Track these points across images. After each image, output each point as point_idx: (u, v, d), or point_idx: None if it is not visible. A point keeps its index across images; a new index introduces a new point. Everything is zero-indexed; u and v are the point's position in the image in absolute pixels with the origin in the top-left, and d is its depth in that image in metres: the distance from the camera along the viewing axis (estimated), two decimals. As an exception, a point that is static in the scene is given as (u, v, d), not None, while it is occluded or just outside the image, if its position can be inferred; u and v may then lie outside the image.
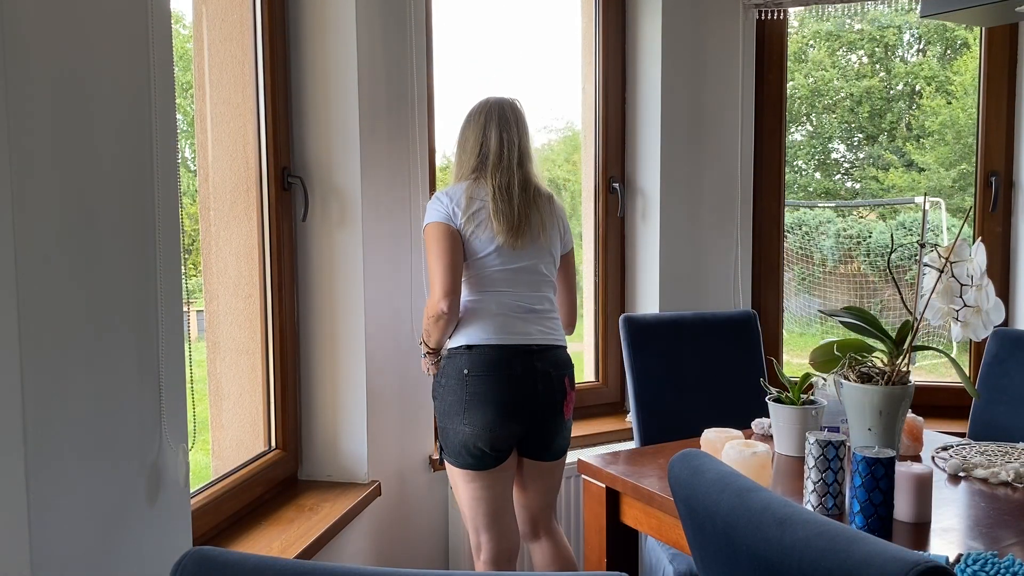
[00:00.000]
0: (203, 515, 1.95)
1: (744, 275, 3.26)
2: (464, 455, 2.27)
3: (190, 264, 2.45)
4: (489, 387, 2.22)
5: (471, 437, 2.23)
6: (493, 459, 2.27)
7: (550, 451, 2.37)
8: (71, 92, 1.28)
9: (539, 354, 2.28)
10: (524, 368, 2.25)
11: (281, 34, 2.33)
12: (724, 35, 3.16)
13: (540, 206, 2.32)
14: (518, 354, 2.25)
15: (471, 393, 2.22)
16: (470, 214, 2.25)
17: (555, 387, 2.30)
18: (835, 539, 1.05)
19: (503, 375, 2.23)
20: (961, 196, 9.18)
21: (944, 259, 1.89)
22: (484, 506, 2.31)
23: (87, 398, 1.32)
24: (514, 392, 2.23)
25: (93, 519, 1.33)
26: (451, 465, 2.32)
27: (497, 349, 2.24)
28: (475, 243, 2.27)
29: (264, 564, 1.03)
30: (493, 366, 2.23)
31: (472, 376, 2.23)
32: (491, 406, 2.22)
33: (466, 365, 2.24)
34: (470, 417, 2.23)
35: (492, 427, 2.22)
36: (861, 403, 1.85)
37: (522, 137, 2.33)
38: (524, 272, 2.30)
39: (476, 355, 2.24)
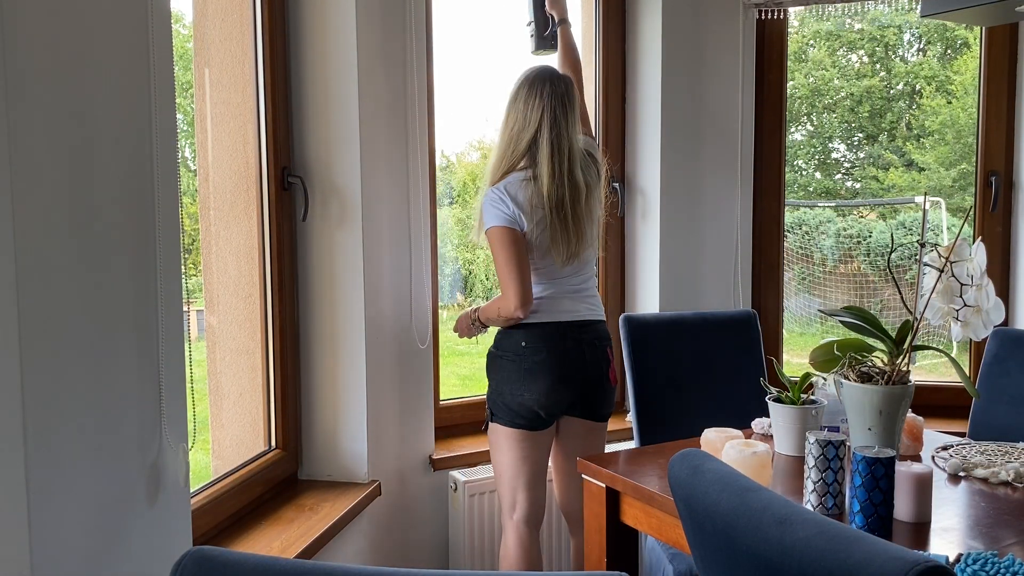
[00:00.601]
0: (203, 515, 1.95)
1: (744, 275, 3.26)
2: (519, 417, 2.41)
3: (190, 264, 2.45)
4: (545, 358, 2.39)
5: (530, 401, 2.39)
6: (544, 422, 2.43)
7: (598, 414, 2.52)
8: (71, 92, 1.28)
9: (585, 328, 2.45)
10: (574, 341, 2.42)
11: (281, 34, 2.33)
12: (724, 35, 3.16)
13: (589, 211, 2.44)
14: (570, 329, 2.42)
15: (530, 362, 2.39)
16: (534, 223, 2.37)
17: (600, 356, 2.47)
18: (835, 539, 1.05)
19: (557, 348, 2.40)
20: (961, 196, 9.18)
21: (944, 259, 1.89)
22: (528, 466, 2.45)
23: (87, 398, 1.32)
24: (567, 362, 2.40)
25: (93, 519, 1.33)
26: (501, 426, 2.44)
27: (551, 326, 2.41)
28: (539, 248, 2.40)
29: (264, 564, 1.03)
30: (547, 339, 2.40)
31: (529, 347, 2.39)
32: (548, 375, 2.38)
33: (523, 339, 2.40)
34: (528, 384, 2.39)
35: (549, 392, 2.39)
36: (861, 403, 1.85)
37: (572, 134, 2.39)
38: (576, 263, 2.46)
39: (529, 329, 2.40)
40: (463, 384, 6.24)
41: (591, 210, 2.46)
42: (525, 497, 2.47)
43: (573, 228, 2.39)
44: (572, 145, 2.38)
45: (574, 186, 2.38)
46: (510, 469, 2.47)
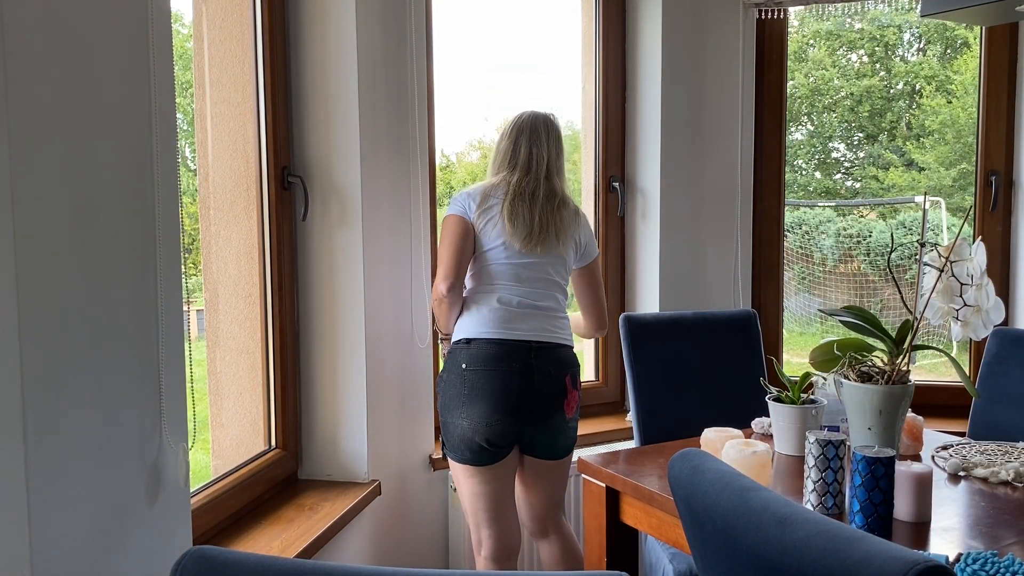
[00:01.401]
0: (203, 514, 1.95)
1: (744, 274, 3.26)
2: (463, 450, 2.29)
3: (190, 263, 2.45)
4: (486, 382, 2.24)
5: (469, 431, 2.26)
6: (491, 455, 2.29)
7: (552, 450, 2.37)
8: (71, 91, 1.28)
9: (538, 351, 2.29)
10: (522, 365, 2.27)
11: (281, 33, 2.33)
12: (724, 34, 3.16)
13: (564, 218, 2.37)
14: (517, 350, 2.27)
15: (469, 387, 2.25)
16: (483, 209, 2.34)
17: (554, 385, 2.30)
18: (835, 538, 1.05)
19: (501, 370, 2.25)
20: (961, 195, 9.18)
21: (944, 258, 1.89)
22: (484, 502, 2.34)
23: (87, 398, 1.32)
24: (511, 388, 2.25)
25: (93, 518, 1.33)
26: (452, 461, 2.36)
27: (495, 344, 2.27)
28: (483, 237, 2.34)
29: (264, 563, 1.03)
30: (491, 361, 2.25)
31: (470, 371, 2.26)
32: (487, 400, 2.24)
33: (465, 360, 2.28)
34: (467, 411, 2.25)
35: (489, 422, 2.25)
36: (861, 402, 1.85)
37: (551, 152, 2.41)
38: (529, 269, 2.34)
39: (475, 349, 2.28)
40: (463, 384, 6.21)
41: (563, 217, 2.36)
42: (489, 534, 2.36)
43: (541, 215, 2.31)
44: (551, 162, 2.39)
45: (549, 189, 2.36)
46: (469, 505, 2.37)
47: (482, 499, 2.33)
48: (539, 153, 2.38)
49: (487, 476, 2.32)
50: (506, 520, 2.38)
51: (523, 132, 2.40)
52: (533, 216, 2.31)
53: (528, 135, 2.39)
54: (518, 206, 2.31)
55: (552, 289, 2.38)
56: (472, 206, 2.33)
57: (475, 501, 2.35)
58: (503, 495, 2.36)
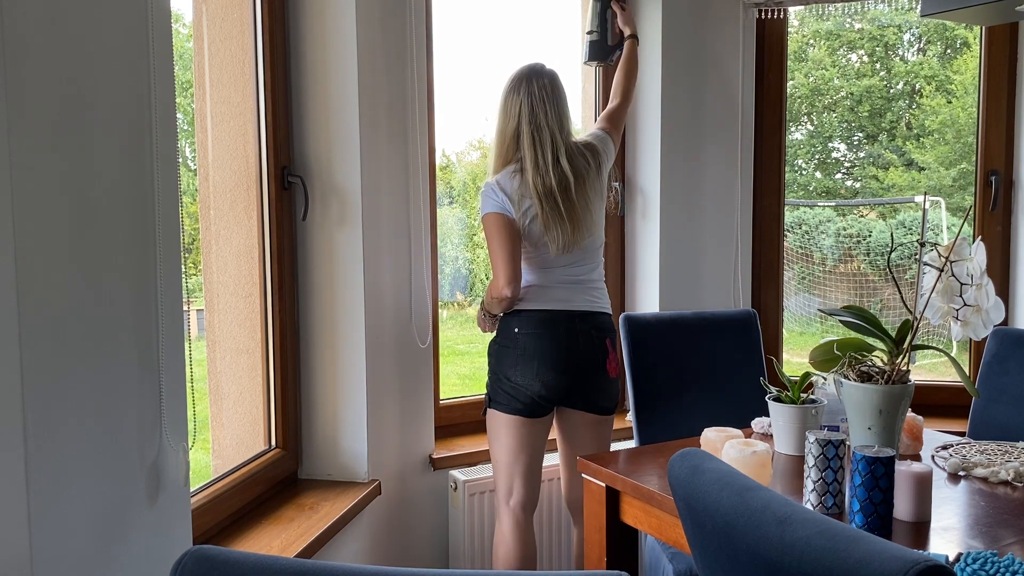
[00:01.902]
0: (203, 514, 1.95)
1: (744, 274, 3.27)
2: (515, 403, 2.44)
3: (190, 263, 2.45)
4: (537, 343, 2.42)
5: (523, 386, 2.42)
6: (540, 408, 2.45)
7: (597, 406, 2.51)
8: (71, 91, 1.28)
9: (581, 318, 2.46)
10: (568, 328, 2.44)
11: (281, 33, 2.33)
12: (724, 34, 3.16)
13: (585, 197, 2.45)
14: (562, 317, 2.45)
15: (523, 347, 2.43)
16: (522, 212, 2.42)
17: (596, 345, 2.47)
18: (835, 538, 1.05)
19: (549, 333, 2.43)
20: (961, 195, 9.18)
21: (944, 258, 1.89)
22: (525, 454, 2.48)
23: (87, 397, 1.32)
24: (559, 347, 2.42)
25: (93, 518, 1.33)
26: (499, 413, 2.48)
27: (543, 312, 2.45)
28: (530, 235, 2.44)
29: (264, 563, 1.03)
30: (540, 324, 2.43)
31: (522, 333, 2.44)
32: (539, 359, 2.42)
33: (516, 325, 2.45)
34: (521, 369, 2.43)
35: (543, 379, 2.41)
36: (861, 402, 1.85)
37: (552, 126, 2.43)
38: (576, 252, 2.47)
39: (525, 317, 2.45)
40: (463, 383, 6.25)
41: (586, 198, 2.46)
42: (522, 484, 2.50)
43: (567, 216, 2.42)
44: (555, 135, 2.43)
45: (561, 175, 2.42)
46: (507, 455, 2.50)
47: (524, 451, 2.48)
48: (541, 138, 2.42)
49: (530, 429, 2.47)
50: (536, 475, 2.53)
51: (521, 114, 2.43)
52: (562, 221, 2.41)
53: (527, 117, 2.43)
54: (550, 214, 2.40)
55: (592, 261, 2.52)
56: (510, 207, 2.41)
57: (517, 451, 2.48)
58: (539, 449, 2.52)
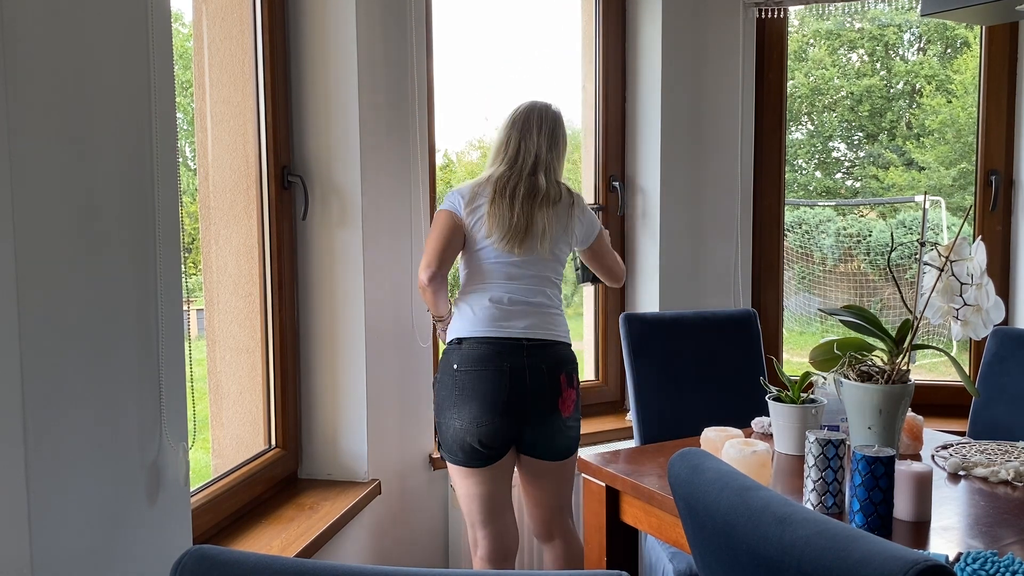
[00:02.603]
0: (203, 514, 1.95)
1: (744, 274, 3.26)
2: (456, 451, 2.28)
3: (190, 262, 2.45)
4: (476, 382, 2.23)
5: (461, 432, 2.25)
6: (485, 456, 2.27)
7: (551, 451, 2.33)
8: (71, 91, 1.28)
9: (531, 350, 2.27)
10: (513, 364, 2.24)
11: (281, 33, 2.33)
12: (724, 34, 3.16)
13: (548, 216, 2.33)
14: (507, 349, 2.25)
15: (460, 387, 2.24)
16: (471, 208, 2.32)
17: (547, 384, 2.26)
18: (835, 538, 1.05)
19: (491, 370, 2.23)
20: (961, 195, 9.18)
21: (944, 258, 1.89)
22: (479, 503, 2.33)
23: (87, 397, 1.32)
24: (501, 388, 2.23)
25: (93, 518, 1.33)
26: (447, 462, 2.35)
27: (485, 344, 2.26)
28: (475, 235, 2.33)
29: (264, 563, 1.03)
30: (481, 361, 2.24)
31: (460, 371, 2.25)
32: (477, 401, 2.23)
33: (456, 360, 2.27)
34: (459, 411, 2.24)
35: (480, 422, 2.23)
36: (861, 402, 1.85)
37: (540, 144, 2.36)
38: (519, 267, 2.33)
39: (466, 350, 2.27)
40: (463, 383, 6.21)
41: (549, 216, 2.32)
42: (484, 535, 2.35)
43: (520, 215, 2.28)
44: (540, 154, 2.35)
45: (532, 185, 2.32)
46: (464, 505, 2.36)
47: (477, 500, 2.33)
48: (526, 147, 2.35)
49: (482, 477, 2.30)
50: (501, 522, 2.36)
51: (515, 125, 2.38)
52: (512, 217, 2.29)
53: (520, 127, 2.37)
54: (499, 206, 2.30)
55: (544, 285, 2.35)
56: (460, 204, 2.32)
57: (470, 502, 2.34)
58: (498, 496, 2.34)
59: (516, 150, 2.35)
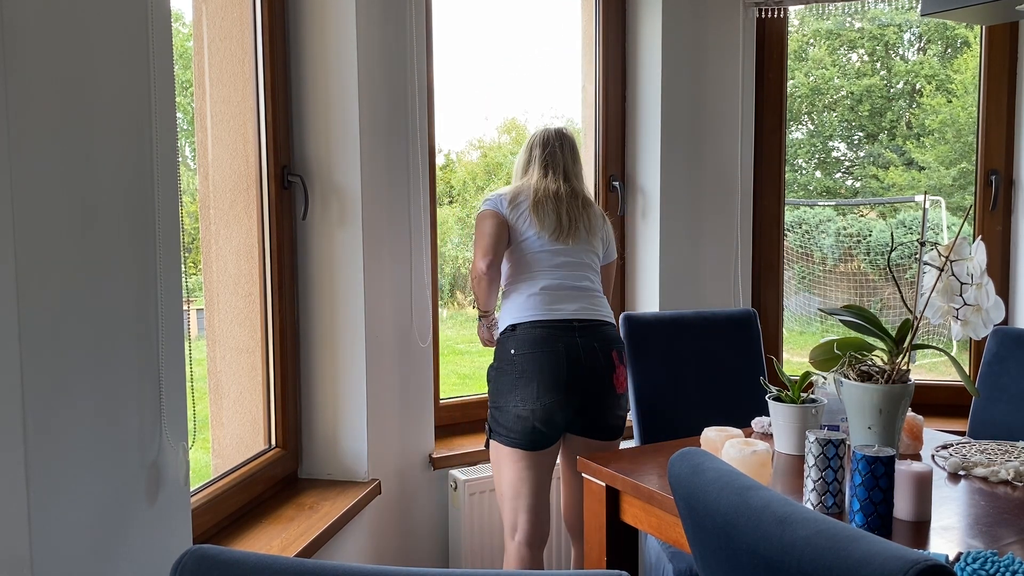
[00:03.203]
0: (203, 513, 1.95)
1: (744, 273, 3.27)
2: (518, 432, 2.34)
3: (190, 262, 2.45)
4: (536, 363, 2.32)
5: (524, 412, 2.32)
6: (544, 439, 2.35)
7: (603, 429, 2.42)
8: (71, 90, 1.28)
9: (582, 330, 2.37)
10: (567, 344, 2.34)
11: (281, 32, 2.33)
12: (724, 33, 3.16)
13: (590, 215, 2.51)
14: (560, 331, 2.35)
15: (520, 371, 2.33)
16: (514, 206, 2.46)
17: (600, 361, 2.37)
18: (835, 537, 1.05)
19: (547, 350, 2.32)
20: (961, 194, 9.18)
21: (944, 257, 1.89)
22: (528, 486, 2.38)
23: (87, 397, 1.32)
24: (560, 366, 2.32)
25: (93, 517, 1.33)
26: (500, 445, 2.39)
27: (540, 326, 2.35)
28: (517, 229, 2.45)
29: (264, 562, 1.03)
30: (537, 343, 2.33)
31: (519, 355, 2.34)
32: (539, 381, 2.31)
33: (513, 346, 2.36)
34: (521, 393, 2.32)
35: (543, 402, 2.31)
36: (861, 401, 1.85)
37: (567, 159, 2.53)
38: (564, 255, 2.45)
39: (521, 334, 2.36)
40: (463, 383, 6.25)
41: (589, 215, 2.50)
42: (526, 519, 2.40)
43: (567, 210, 2.44)
44: (567, 167, 2.51)
45: (571, 188, 2.49)
46: (510, 490, 2.40)
47: (526, 483, 2.38)
48: (554, 160, 2.51)
49: (534, 461, 2.37)
50: (543, 508, 2.43)
51: (536, 144, 2.54)
52: (560, 211, 2.44)
53: (541, 146, 2.53)
54: (544, 204, 2.44)
55: (587, 271, 2.48)
56: (504, 203, 2.46)
57: (519, 485, 2.38)
58: (544, 482, 2.42)
59: (545, 163, 2.50)
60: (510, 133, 8.74)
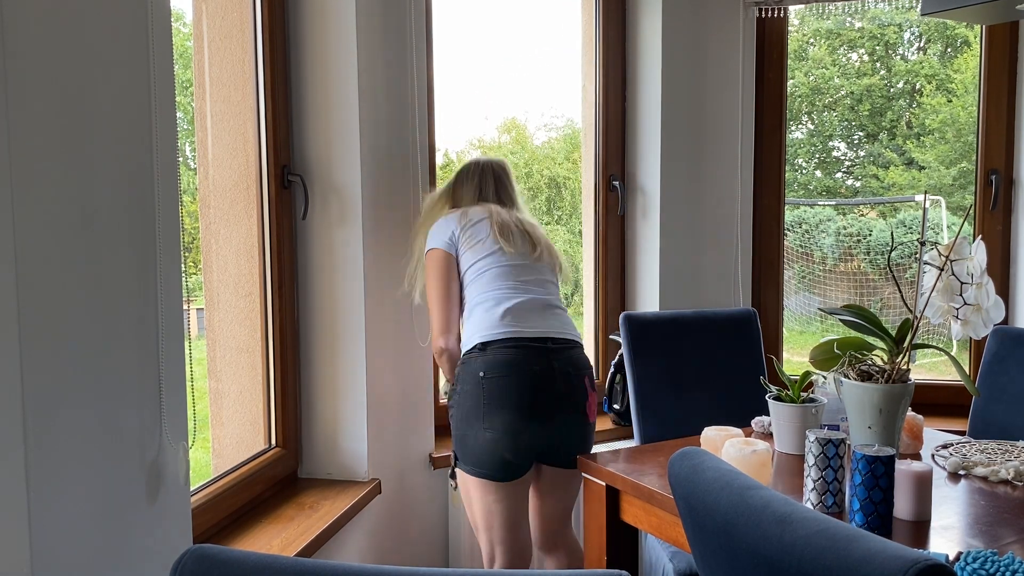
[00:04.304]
0: (203, 513, 1.95)
1: (744, 273, 3.26)
2: (486, 463, 2.19)
3: (190, 262, 2.45)
4: (507, 387, 2.15)
5: (492, 443, 2.16)
6: (514, 469, 2.20)
7: (571, 456, 2.25)
8: (71, 90, 1.28)
9: (556, 353, 2.22)
10: (542, 367, 2.18)
11: (281, 32, 2.33)
12: (724, 33, 3.16)
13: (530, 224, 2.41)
14: (533, 352, 2.19)
15: (489, 396, 2.15)
16: (465, 225, 2.32)
17: (575, 387, 2.23)
18: (835, 537, 1.05)
19: (521, 374, 2.16)
20: (961, 194, 9.18)
21: (944, 257, 1.89)
22: (500, 518, 2.25)
23: (87, 396, 1.32)
24: (534, 392, 2.16)
25: (93, 517, 1.33)
26: (468, 475, 2.24)
27: (512, 347, 2.18)
28: (475, 251, 2.30)
29: (264, 562, 1.03)
30: (510, 366, 2.16)
31: (488, 378, 2.16)
32: (511, 408, 2.15)
33: (482, 367, 2.17)
34: (490, 421, 2.15)
35: (514, 430, 2.15)
36: (861, 401, 1.85)
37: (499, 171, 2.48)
38: (528, 272, 2.32)
39: (491, 355, 2.17)
40: (463, 382, 6.21)
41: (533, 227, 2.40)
42: (503, 550, 2.28)
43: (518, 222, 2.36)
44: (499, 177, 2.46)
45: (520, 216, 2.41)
46: (482, 520, 2.27)
47: (499, 516, 2.24)
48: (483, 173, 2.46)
49: (505, 492, 2.22)
50: (521, 534, 2.30)
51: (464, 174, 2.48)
52: (514, 225, 2.35)
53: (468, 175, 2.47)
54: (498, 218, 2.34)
55: (551, 288, 2.37)
56: (455, 229, 2.32)
57: (490, 518, 2.25)
58: (518, 511, 2.28)
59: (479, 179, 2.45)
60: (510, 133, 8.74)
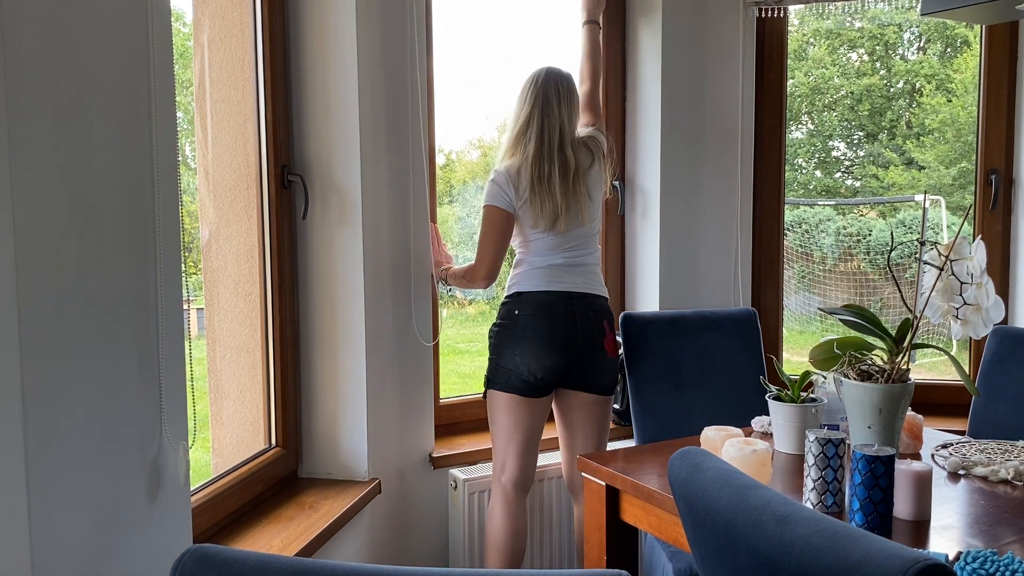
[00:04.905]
0: (203, 513, 1.95)
1: (744, 273, 3.26)
2: (514, 380, 2.52)
3: (190, 262, 2.45)
4: (536, 323, 2.52)
5: (522, 366, 2.51)
6: (538, 388, 2.53)
7: (596, 385, 2.57)
8: (71, 90, 1.28)
9: (579, 299, 2.56)
10: (565, 308, 2.54)
11: (281, 32, 2.33)
12: (724, 33, 3.16)
13: (582, 188, 2.56)
14: (561, 298, 2.54)
15: (522, 329, 2.53)
16: (519, 194, 2.54)
17: (593, 326, 2.55)
18: (835, 537, 1.05)
19: (548, 314, 2.53)
20: (961, 194, 9.18)
21: (944, 257, 1.89)
22: (520, 434, 2.56)
23: (87, 397, 1.32)
24: (559, 327, 2.52)
25: (93, 517, 1.33)
26: (497, 392, 2.56)
27: (543, 294, 2.55)
28: (525, 218, 2.56)
29: (264, 562, 1.03)
30: (540, 306, 2.54)
31: (522, 315, 2.54)
32: (538, 338, 2.51)
33: (517, 307, 2.56)
34: (520, 348, 2.51)
35: (539, 355, 2.50)
36: (861, 401, 1.85)
37: (563, 117, 2.55)
38: (570, 238, 2.57)
39: (526, 299, 2.56)
40: (463, 382, 6.24)
41: (587, 187, 2.57)
42: (514, 463, 2.57)
43: (561, 200, 2.52)
44: (563, 127, 2.55)
45: (564, 162, 2.53)
46: (503, 434, 2.58)
47: (519, 429, 2.55)
48: (550, 124, 2.54)
49: (527, 408, 2.54)
50: (531, 455, 2.60)
51: (536, 103, 2.55)
52: (554, 203, 2.52)
53: (541, 105, 2.54)
54: (541, 194, 2.52)
55: (590, 247, 2.62)
56: (512, 195, 2.53)
57: (512, 430, 2.55)
58: (535, 432, 2.59)
59: (541, 128, 2.54)
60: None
